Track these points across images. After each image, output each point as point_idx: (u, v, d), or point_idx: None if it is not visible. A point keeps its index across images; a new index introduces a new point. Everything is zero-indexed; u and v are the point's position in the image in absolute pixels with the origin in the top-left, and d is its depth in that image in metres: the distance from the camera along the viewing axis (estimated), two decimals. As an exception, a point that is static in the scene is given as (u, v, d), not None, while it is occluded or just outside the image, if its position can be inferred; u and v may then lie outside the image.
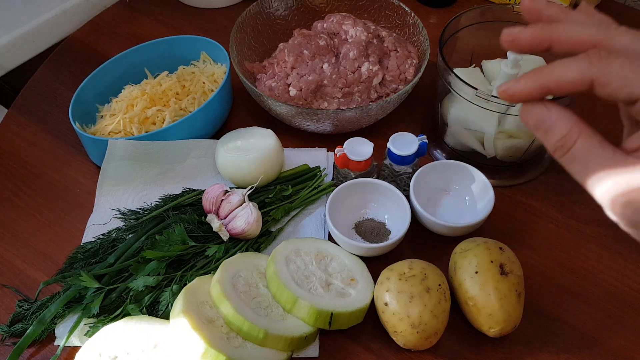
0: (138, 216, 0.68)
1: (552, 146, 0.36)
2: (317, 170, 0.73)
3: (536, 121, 0.37)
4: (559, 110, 0.36)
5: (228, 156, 0.69)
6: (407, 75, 0.77)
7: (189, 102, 0.76)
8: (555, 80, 0.36)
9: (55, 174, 0.76)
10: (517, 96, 0.38)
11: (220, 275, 0.57)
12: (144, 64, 0.83)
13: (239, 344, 0.54)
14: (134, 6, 1.00)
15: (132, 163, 0.71)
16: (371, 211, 0.69)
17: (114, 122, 0.74)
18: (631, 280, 0.64)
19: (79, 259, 0.65)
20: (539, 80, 0.37)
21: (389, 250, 0.64)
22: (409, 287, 0.55)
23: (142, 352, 0.55)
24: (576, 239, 0.68)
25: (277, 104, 0.71)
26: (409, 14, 0.81)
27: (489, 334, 0.56)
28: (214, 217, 0.65)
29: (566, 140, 0.35)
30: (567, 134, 0.36)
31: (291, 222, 0.69)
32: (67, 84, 0.86)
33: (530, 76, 0.37)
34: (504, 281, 0.55)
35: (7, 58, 0.89)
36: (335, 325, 0.57)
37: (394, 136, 0.67)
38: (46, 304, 0.61)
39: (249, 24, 0.82)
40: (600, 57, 0.34)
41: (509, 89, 0.37)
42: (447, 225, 0.63)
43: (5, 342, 0.60)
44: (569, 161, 0.36)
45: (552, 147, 0.36)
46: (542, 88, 0.36)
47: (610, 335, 0.60)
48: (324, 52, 0.77)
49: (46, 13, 0.92)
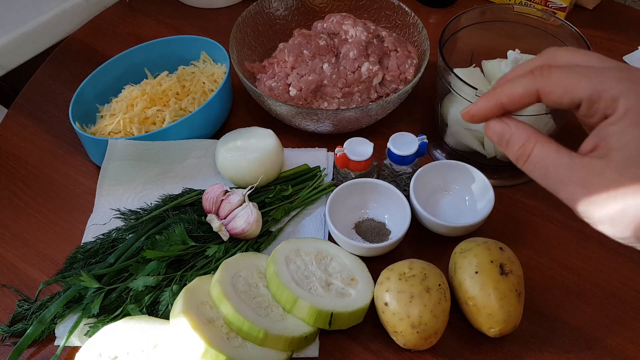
0: (138, 216, 0.68)
1: (514, 155, 0.41)
2: (317, 170, 0.73)
3: (498, 135, 0.42)
4: (516, 123, 0.41)
5: (228, 156, 0.69)
6: (407, 75, 0.77)
7: (189, 102, 0.76)
8: (507, 96, 0.41)
9: (55, 174, 0.76)
10: (476, 116, 0.43)
11: (220, 275, 0.57)
12: (144, 64, 0.83)
13: (239, 344, 0.54)
14: (134, 6, 1.00)
15: (132, 163, 0.71)
16: (371, 211, 0.69)
17: (114, 122, 0.74)
18: (631, 280, 0.64)
19: (79, 259, 0.65)
20: (493, 99, 0.42)
21: (389, 250, 0.64)
22: (409, 287, 0.55)
23: (142, 352, 0.55)
24: (576, 239, 0.68)
25: (277, 104, 0.71)
26: (409, 14, 0.81)
27: (489, 334, 0.56)
28: (214, 217, 0.65)
29: (525, 148, 0.40)
30: (525, 142, 0.40)
31: (291, 222, 0.69)
32: (67, 84, 0.86)
33: (486, 97, 0.42)
34: (504, 281, 0.55)
35: (7, 58, 0.89)
36: (335, 325, 0.57)
37: (394, 136, 0.67)
38: (46, 304, 0.61)
39: (249, 24, 0.82)
40: (542, 71, 0.39)
41: (469, 110, 0.43)
42: (447, 225, 0.63)
43: (5, 342, 0.60)
44: (530, 168, 0.40)
45: (515, 157, 0.41)
46: (497, 105, 0.42)
47: (610, 335, 0.60)
48: (324, 52, 0.77)
49: (46, 13, 0.92)
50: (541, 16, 0.71)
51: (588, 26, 0.93)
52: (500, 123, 0.42)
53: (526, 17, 0.72)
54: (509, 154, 0.41)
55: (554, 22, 0.70)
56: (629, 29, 0.93)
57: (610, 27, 0.94)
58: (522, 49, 0.65)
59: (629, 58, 0.88)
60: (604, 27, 0.94)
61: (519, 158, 0.40)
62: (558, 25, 0.70)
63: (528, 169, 0.40)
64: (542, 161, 0.39)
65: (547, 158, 0.39)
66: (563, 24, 0.70)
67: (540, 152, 0.39)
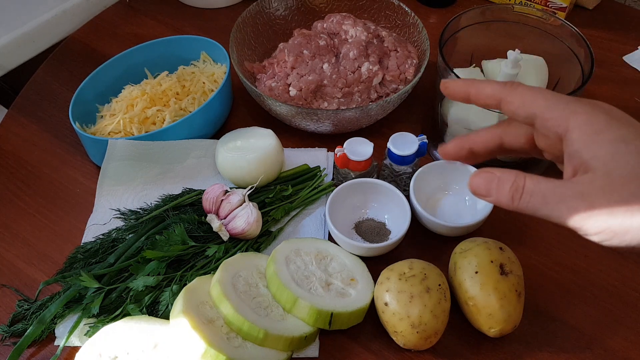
0: (138, 216, 0.68)
1: (508, 194, 0.42)
2: (317, 170, 0.73)
3: (485, 184, 0.44)
4: (499, 169, 0.43)
5: (228, 156, 0.69)
6: (407, 75, 0.77)
7: (189, 102, 0.76)
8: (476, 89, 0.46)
9: (55, 174, 0.76)
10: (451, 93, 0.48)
11: (220, 275, 0.57)
12: (144, 64, 0.83)
13: (239, 344, 0.54)
14: (134, 6, 1.00)
15: (132, 163, 0.71)
16: (371, 211, 0.69)
17: (114, 122, 0.74)
18: (631, 280, 0.64)
19: (79, 259, 0.65)
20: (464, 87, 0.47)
21: (389, 250, 0.64)
22: (409, 287, 0.55)
23: (142, 352, 0.55)
24: (576, 239, 0.67)
25: (277, 104, 0.71)
26: (409, 14, 0.81)
27: (489, 334, 0.56)
28: (214, 217, 0.65)
29: (517, 184, 0.42)
30: (515, 179, 0.42)
31: (291, 222, 0.69)
32: (67, 84, 0.86)
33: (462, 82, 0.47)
34: (504, 281, 0.55)
35: (7, 58, 0.89)
36: (335, 325, 0.57)
37: (394, 136, 0.67)
38: (46, 304, 0.61)
39: (249, 24, 0.82)
40: (512, 84, 0.44)
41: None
42: (447, 225, 0.63)
43: (5, 342, 0.60)
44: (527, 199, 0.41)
45: (509, 196, 0.42)
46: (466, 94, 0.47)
47: (610, 335, 0.60)
48: (324, 52, 0.77)
49: (46, 13, 0.92)
50: (541, 16, 0.71)
51: (588, 26, 0.93)
52: (485, 172, 0.44)
53: (526, 17, 0.72)
54: (500, 198, 0.43)
55: (554, 22, 0.70)
56: (629, 29, 0.93)
57: (610, 27, 0.94)
58: (522, 49, 0.65)
59: (629, 58, 0.88)
60: (604, 27, 0.94)
61: (514, 195, 0.42)
62: (558, 25, 0.70)
63: (525, 201, 0.41)
64: (536, 188, 0.41)
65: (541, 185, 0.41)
66: (563, 24, 0.70)
67: (533, 182, 0.41)
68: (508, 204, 0.42)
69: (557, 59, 0.71)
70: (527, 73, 0.70)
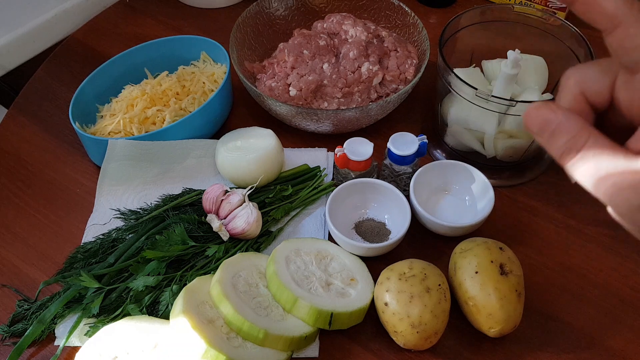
0: (138, 216, 0.68)
1: (559, 150, 0.33)
2: (317, 170, 0.73)
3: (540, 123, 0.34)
4: (565, 112, 0.34)
5: (228, 156, 0.69)
6: (407, 75, 0.77)
7: (189, 102, 0.76)
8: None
9: (55, 174, 0.76)
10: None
11: (220, 275, 0.57)
12: (144, 64, 0.83)
13: (239, 344, 0.54)
14: (134, 6, 1.00)
15: (132, 163, 0.71)
16: (371, 211, 0.69)
17: (114, 122, 0.74)
18: (631, 280, 0.64)
19: (79, 259, 0.65)
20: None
21: (389, 250, 0.64)
22: (409, 287, 0.55)
23: (142, 352, 0.55)
24: (576, 239, 0.68)
25: (277, 104, 0.71)
26: (409, 14, 0.81)
27: (489, 334, 0.56)
28: (214, 217, 0.65)
29: (575, 142, 0.33)
30: (576, 135, 0.33)
31: (291, 222, 0.69)
32: (67, 84, 0.86)
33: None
34: (504, 281, 0.55)
35: (7, 58, 0.89)
36: (335, 325, 0.57)
37: (394, 136, 0.67)
38: (46, 304, 0.61)
39: (249, 24, 0.82)
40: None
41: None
42: (447, 225, 0.63)
43: (5, 342, 0.60)
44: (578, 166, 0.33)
45: (559, 151, 0.33)
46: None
47: (610, 335, 0.60)
48: (324, 52, 0.77)
49: (46, 13, 0.92)
50: (541, 16, 0.71)
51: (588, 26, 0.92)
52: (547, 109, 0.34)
53: (526, 17, 0.72)
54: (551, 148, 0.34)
55: (554, 22, 0.70)
56: (629, 29, 0.93)
57: (610, 27, 0.93)
58: (522, 49, 0.65)
59: (629, 58, 0.88)
60: (604, 27, 0.93)
61: (565, 153, 0.33)
62: (558, 25, 0.70)
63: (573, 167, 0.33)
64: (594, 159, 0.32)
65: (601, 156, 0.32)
66: (563, 24, 0.70)
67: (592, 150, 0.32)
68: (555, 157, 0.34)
69: (557, 59, 0.71)
70: (527, 73, 0.70)
